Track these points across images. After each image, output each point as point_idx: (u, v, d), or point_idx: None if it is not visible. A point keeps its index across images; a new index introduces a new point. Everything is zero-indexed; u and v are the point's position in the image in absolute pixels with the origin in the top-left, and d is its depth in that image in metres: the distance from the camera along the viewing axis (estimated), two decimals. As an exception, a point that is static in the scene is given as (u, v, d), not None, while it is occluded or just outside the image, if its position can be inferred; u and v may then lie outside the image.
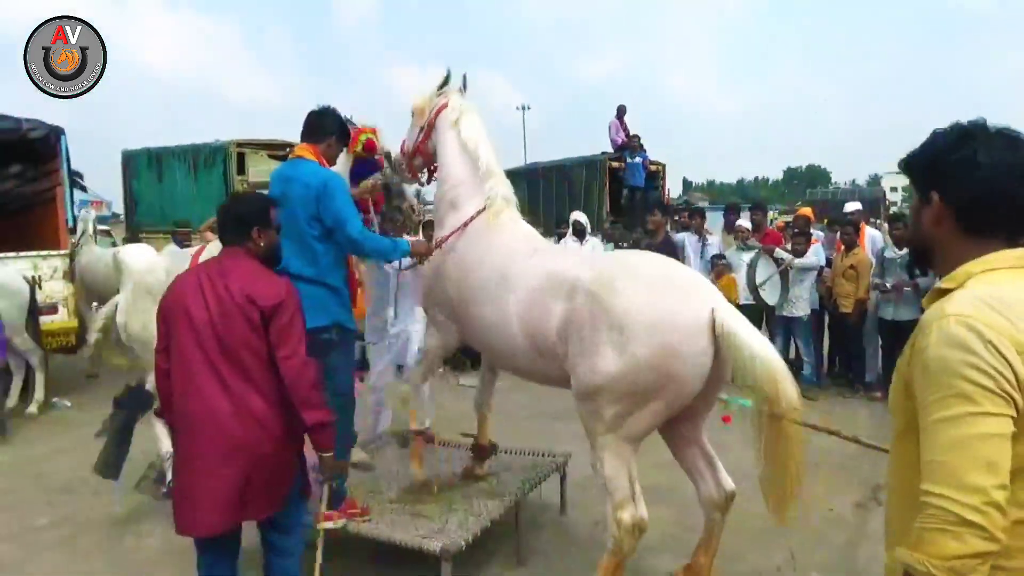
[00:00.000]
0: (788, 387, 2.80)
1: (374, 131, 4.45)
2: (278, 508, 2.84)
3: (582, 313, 3.02)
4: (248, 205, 3.04)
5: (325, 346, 3.40)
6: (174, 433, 2.93)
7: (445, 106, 3.85)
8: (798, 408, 2.83)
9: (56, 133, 8.31)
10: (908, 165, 1.55)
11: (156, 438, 4.54)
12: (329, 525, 3.57)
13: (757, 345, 2.82)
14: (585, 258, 3.33)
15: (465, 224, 3.67)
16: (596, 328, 2.96)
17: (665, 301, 2.91)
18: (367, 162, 4.47)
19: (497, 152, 3.84)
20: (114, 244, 10.88)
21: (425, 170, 4.17)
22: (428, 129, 3.92)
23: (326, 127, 3.64)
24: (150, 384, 4.16)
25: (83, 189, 14.03)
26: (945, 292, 1.43)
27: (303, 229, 3.38)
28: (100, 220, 13.40)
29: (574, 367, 3.06)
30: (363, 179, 4.41)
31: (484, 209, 3.65)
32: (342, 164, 4.08)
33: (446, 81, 3.89)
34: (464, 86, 3.97)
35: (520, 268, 3.37)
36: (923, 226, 1.52)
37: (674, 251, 6.71)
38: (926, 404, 1.33)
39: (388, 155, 4.44)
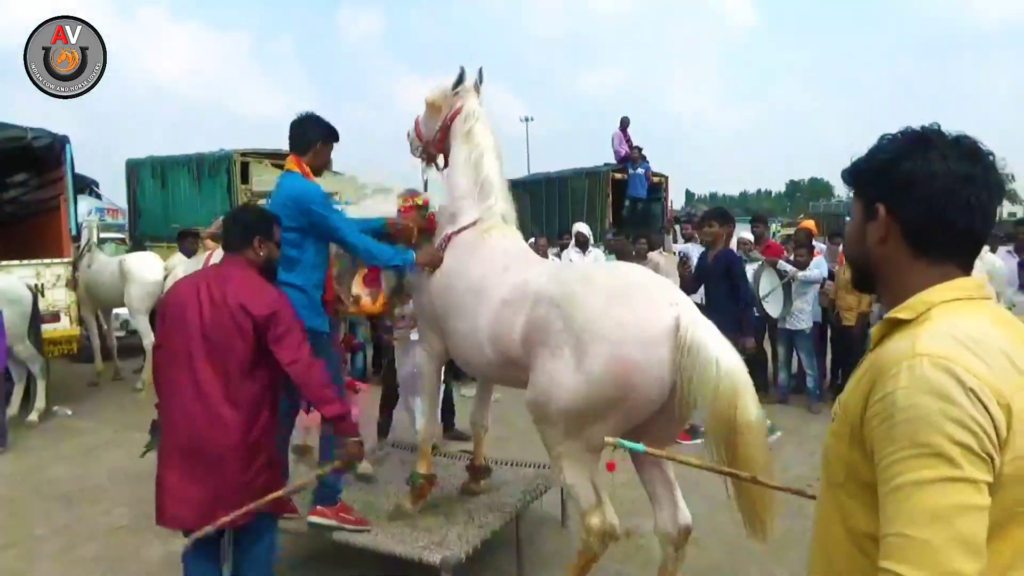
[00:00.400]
0: (749, 404, 2.62)
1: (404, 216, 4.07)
2: (249, 517, 2.86)
3: (543, 322, 2.97)
4: (253, 215, 3.23)
5: None
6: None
7: (460, 111, 3.79)
8: (757, 428, 2.64)
9: (61, 142, 8.32)
10: (853, 173, 1.35)
11: None
12: (318, 520, 3.60)
13: (723, 356, 2.65)
14: (554, 270, 3.22)
15: (450, 236, 3.66)
16: (557, 338, 2.90)
17: (624, 310, 2.80)
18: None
19: (502, 167, 3.78)
20: (128, 251, 10.89)
21: (441, 157, 4.05)
22: (444, 131, 3.87)
23: (308, 136, 3.66)
24: None
25: (98, 197, 14.12)
26: (898, 323, 1.23)
27: (282, 236, 3.44)
28: (115, 228, 13.43)
29: (534, 373, 3.01)
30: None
31: (475, 223, 3.62)
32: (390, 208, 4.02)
33: (460, 80, 3.82)
34: (480, 80, 3.88)
35: (493, 282, 3.34)
36: (866, 244, 1.31)
37: (732, 268, 6.15)
38: (889, 461, 1.09)
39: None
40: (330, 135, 3.75)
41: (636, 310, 2.80)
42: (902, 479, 1.07)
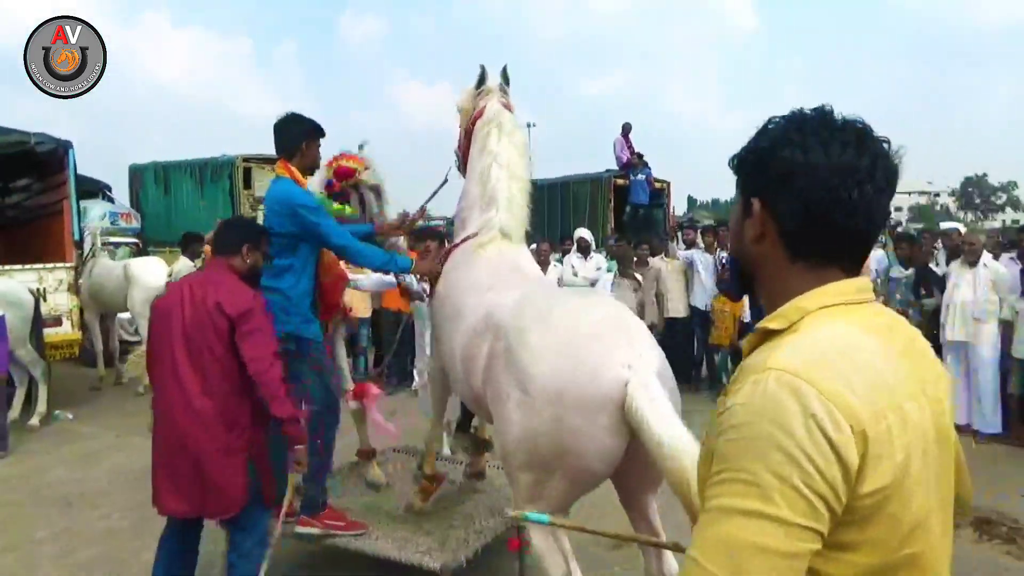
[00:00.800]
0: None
1: (354, 160, 4.16)
2: (235, 510, 3.06)
3: (497, 361, 2.76)
4: (245, 224, 3.48)
5: (283, 356, 3.46)
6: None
7: (481, 113, 3.65)
8: None
9: (64, 147, 8.34)
10: (735, 163, 1.19)
11: None
12: (304, 530, 3.62)
13: (668, 436, 2.26)
14: (523, 297, 2.93)
15: (450, 250, 3.62)
16: (506, 381, 2.67)
17: (570, 366, 2.48)
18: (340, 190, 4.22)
19: (521, 175, 3.57)
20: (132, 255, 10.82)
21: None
22: (467, 136, 3.73)
23: (292, 138, 3.62)
24: None
25: (111, 201, 14.11)
26: (772, 334, 1.09)
27: (271, 241, 3.46)
28: (129, 232, 13.35)
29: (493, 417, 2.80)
30: (336, 200, 4.16)
31: (472, 236, 3.49)
32: (315, 180, 4.00)
33: (482, 79, 3.70)
34: (506, 81, 3.75)
35: (471, 304, 3.18)
36: (744, 241, 1.17)
37: None
38: (712, 480, 0.99)
39: (377, 188, 4.27)
40: (315, 132, 3.71)
41: (582, 368, 2.47)
42: (715, 502, 0.97)
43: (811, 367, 0.97)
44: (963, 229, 8.60)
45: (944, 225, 9.19)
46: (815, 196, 1.06)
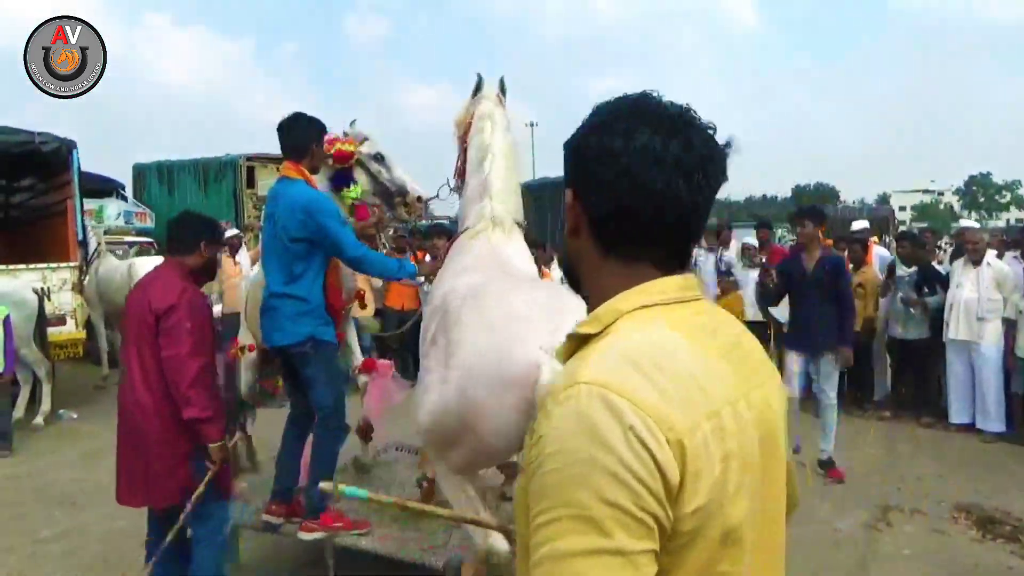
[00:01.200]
0: None
1: (349, 143, 4.07)
2: (176, 500, 3.14)
3: (437, 335, 2.83)
4: (201, 221, 3.48)
5: (301, 360, 3.51)
6: None
7: (475, 116, 3.65)
8: None
9: (68, 146, 8.36)
10: (564, 151, 1.11)
11: None
12: (307, 536, 3.61)
13: None
14: (482, 279, 2.96)
15: (449, 245, 3.63)
16: (436, 348, 2.75)
17: (488, 342, 2.53)
18: (342, 172, 4.12)
19: (513, 167, 3.60)
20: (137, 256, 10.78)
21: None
22: (464, 143, 3.70)
23: (305, 140, 3.59)
24: None
25: (124, 199, 14.12)
26: (586, 339, 0.99)
27: (287, 246, 3.46)
28: (144, 231, 13.32)
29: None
30: (341, 187, 4.06)
31: (469, 227, 3.48)
32: (319, 178, 3.95)
33: (478, 88, 3.70)
34: (503, 91, 3.75)
35: (441, 289, 3.19)
36: (566, 235, 1.09)
37: (841, 274, 5.69)
38: (536, 523, 0.86)
39: (379, 155, 4.16)
40: (323, 132, 3.71)
41: (498, 346, 2.51)
42: (545, 549, 0.84)
43: (621, 376, 0.88)
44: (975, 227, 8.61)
45: (963, 223, 9.17)
46: (619, 186, 0.98)
